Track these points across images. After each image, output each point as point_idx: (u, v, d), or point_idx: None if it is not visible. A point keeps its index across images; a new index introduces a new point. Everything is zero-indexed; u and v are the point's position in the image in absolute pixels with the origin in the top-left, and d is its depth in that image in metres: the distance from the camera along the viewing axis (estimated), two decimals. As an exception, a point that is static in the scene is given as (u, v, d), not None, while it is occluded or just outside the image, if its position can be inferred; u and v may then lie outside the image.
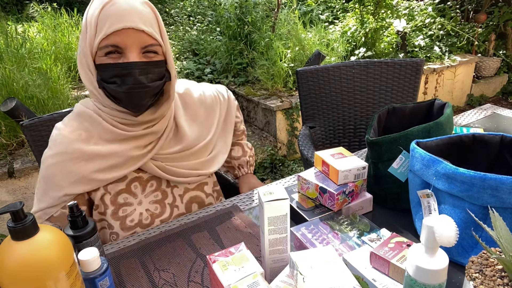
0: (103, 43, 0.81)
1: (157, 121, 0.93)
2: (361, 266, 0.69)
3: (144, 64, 0.83)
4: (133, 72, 0.82)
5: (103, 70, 0.83)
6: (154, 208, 0.98)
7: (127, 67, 0.81)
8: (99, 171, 0.90)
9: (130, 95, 0.83)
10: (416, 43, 4.02)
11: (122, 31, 0.79)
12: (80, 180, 0.90)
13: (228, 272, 0.61)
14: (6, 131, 2.54)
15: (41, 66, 3.01)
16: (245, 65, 3.80)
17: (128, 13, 0.79)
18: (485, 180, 0.67)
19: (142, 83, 0.83)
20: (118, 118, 0.90)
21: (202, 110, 1.06)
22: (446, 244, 0.51)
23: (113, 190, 0.94)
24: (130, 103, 0.85)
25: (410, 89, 1.72)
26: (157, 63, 0.86)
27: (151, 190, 0.98)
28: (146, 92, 0.85)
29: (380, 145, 0.90)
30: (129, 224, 0.95)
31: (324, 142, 1.79)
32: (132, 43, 0.81)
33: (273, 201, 0.66)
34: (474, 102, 4.12)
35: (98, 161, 0.90)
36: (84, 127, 0.91)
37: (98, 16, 0.80)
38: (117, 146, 0.90)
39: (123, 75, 0.82)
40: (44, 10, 4.32)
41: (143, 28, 0.81)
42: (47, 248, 0.54)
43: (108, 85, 0.84)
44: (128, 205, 0.95)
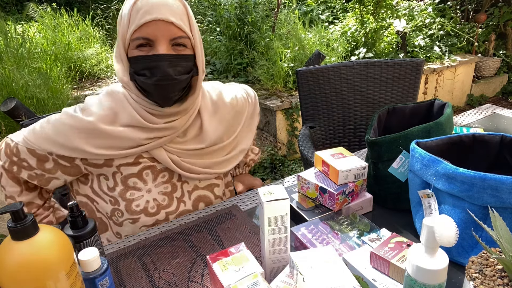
0: (135, 35, 0.84)
1: (181, 115, 0.95)
2: (361, 266, 0.69)
3: (173, 57, 0.85)
4: (162, 64, 0.84)
5: (135, 63, 0.86)
6: (162, 199, 0.98)
7: (156, 59, 0.84)
8: (101, 148, 0.91)
9: (158, 87, 0.86)
10: (416, 43, 4.02)
11: (152, 23, 0.82)
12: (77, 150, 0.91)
13: (228, 272, 0.61)
14: (6, 131, 2.55)
15: (41, 66, 3.02)
16: (245, 65, 3.80)
17: (158, 6, 0.83)
18: (485, 180, 0.67)
19: (169, 75, 0.85)
20: (145, 107, 0.91)
21: (232, 114, 1.07)
22: (446, 244, 0.51)
23: (125, 172, 0.95)
24: (158, 95, 0.88)
25: (410, 89, 1.72)
26: (185, 57, 0.88)
27: (162, 181, 0.98)
28: (173, 85, 0.87)
29: (380, 145, 0.90)
30: (135, 208, 0.95)
31: (324, 142, 1.79)
32: (162, 34, 0.83)
33: (273, 201, 0.66)
34: (474, 102, 4.12)
35: (108, 140, 0.91)
36: (111, 108, 0.92)
37: (131, 9, 0.84)
38: (133, 132, 0.91)
39: (152, 67, 0.85)
40: (43, 10, 4.32)
41: (172, 20, 0.83)
42: (47, 248, 0.53)
43: (138, 77, 0.86)
44: (137, 190, 0.96)
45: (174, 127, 0.94)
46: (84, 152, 0.91)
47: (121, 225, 0.98)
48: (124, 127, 0.92)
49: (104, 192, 0.97)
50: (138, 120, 0.91)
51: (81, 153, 0.91)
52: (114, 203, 0.96)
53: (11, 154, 0.93)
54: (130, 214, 0.96)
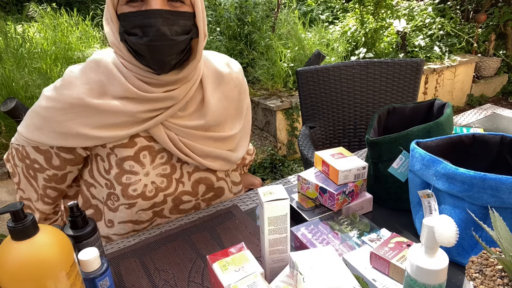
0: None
1: (181, 84, 0.85)
2: (361, 266, 0.69)
3: (168, 13, 0.74)
4: (155, 21, 0.73)
5: (124, 20, 0.76)
6: (160, 181, 0.91)
7: (149, 15, 0.73)
8: (96, 127, 0.83)
9: (152, 48, 0.75)
10: (416, 43, 4.02)
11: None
12: (73, 135, 0.83)
13: (228, 272, 0.61)
14: (6, 131, 2.54)
15: (41, 66, 3.02)
16: (245, 65, 3.80)
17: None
18: (485, 180, 0.67)
19: (165, 34, 0.75)
20: (138, 75, 0.82)
21: (236, 90, 0.97)
22: (446, 244, 0.51)
23: (120, 154, 0.87)
24: (152, 58, 0.77)
25: (410, 89, 1.72)
26: (183, 14, 0.77)
27: (161, 163, 0.90)
28: (169, 46, 0.76)
29: (380, 145, 0.90)
30: (131, 193, 0.89)
31: (324, 142, 1.79)
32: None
33: (273, 201, 0.66)
34: (474, 102, 4.12)
35: (99, 116, 0.82)
36: (99, 81, 0.83)
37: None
38: (128, 105, 0.82)
39: (144, 25, 0.74)
40: (43, 10, 4.32)
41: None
42: (47, 248, 0.53)
43: (129, 37, 0.76)
44: (134, 174, 0.88)
45: (173, 97, 0.84)
46: (79, 136, 0.83)
47: (116, 210, 0.92)
48: (115, 99, 0.82)
49: (101, 174, 0.91)
50: (131, 90, 0.81)
51: (77, 138, 0.83)
52: (110, 186, 0.90)
53: (23, 158, 0.88)
54: (126, 199, 0.89)
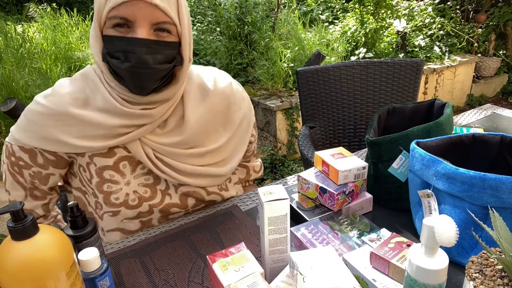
0: (112, 14, 0.75)
1: (159, 104, 0.86)
2: (361, 266, 0.69)
3: (153, 43, 0.76)
4: (139, 49, 0.75)
5: (109, 43, 0.78)
6: (144, 191, 0.91)
7: (133, 42, 0.74)
8: (75, 136, 0.85)
9: (131, 74, 0.77)
10: (416, 43, 4.02)
11: (133, 3, 0.73)
12: (55, 141, 0.86)
13: (228, 272, 0.61)
14: (6, 131, 2.54)
15: (41, 66, 3.02)
16: (245, 65, 3.80)
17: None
18: (485, 180, 0.67)
19: (146, 63, 0.76)
20: (118, 92, 0.84)
21: (225, 104, 0.96)
22: (446, 244, 0.51)
23: (99, 163, 0.88)
24: (132, 83, 0.79)
25: (410, 89, 1.72)
26: (168, 44, 0.78)
27: (142, 173, 0.91)
28: (149, 74, 0.78)
29: (380, 145, 0.90)
30: (113, 201, 0.90)
31: (324, 142, 1.79)
32: (143, 17, 0.74)
33: (273, 201, 0.66)
34: (474, 102, 4.12)
35: (79, 126, 0.85)
36: (84, 91, 0.85)
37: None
38: (107, 118, 0.84)
39: (127, 51, 0.75)
40: (43, 10, 4.32)
41: (157, 3, 0.74)
42: (47, 248, 0.53)
43: (111, 60, 0.78)
44: (114, 183, 0.89)
45: (150, 115, 0.85)
46: (60, 143, 0.85)
47: (101, 218, 0.93)
48: (96, 112, 0.84)
49: (87, 183, 0.92)
50: (111, 104, 0.83)
51: (58, 144, 0.86)
52: (94, 195, 0.91)
53: (9, 155, 0.92)
54: (109, 207, 0.90)
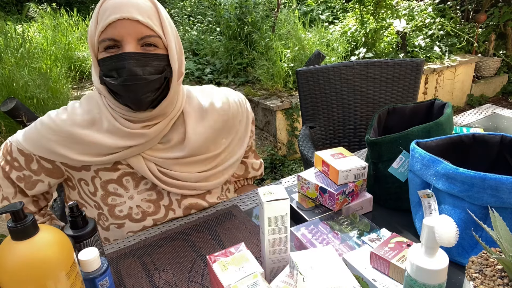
0: (101, 37, 0.81)
1: (157, 121, 0.90)
2: (361, 266, 0.69)
3: (140, 55, 0.81)
4: (128, 63, 0.79)
5: (103, 65, 0.83)
6: (147, 206, 0.95)
7: (122, 58, 0.79)
8: (76, 152, 0.89)
9: (125, 88, 0.81)
10: (416, 43, 4.02)
11: (117, 22, 0.79)
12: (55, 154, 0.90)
13: (228, 272, 0.61)
14: (6, 131, 2.54)
15: (41, 66, 3.02)
16: (245, 65, 3.80)
17: (124, 5, 0.79)
18: (485, 180, 0.67)
19: (137, 74, 0.80)
20: (119, 113, 0.88)
21: (222, 121, 1.00)
22: (446, 244, 0.51)
23: (104, 177, 0.93)
24: (128, 98, 0.83)
25: (410, 89, 1.72)
26: (156, 56, 0.83)
27: (145, 188, 0.95)
28: (142, 86, 0.81)
29: (380, 145, 0.90)
30: (118, 213, 0.94)
31: (324, 142, 1.79)
32: (128, 33, 0.79)
33: (273, 201, 0.66)
34: (474, 102, 4.12)
35: (83, 146, 0.89)
36: (91, 112, 0.91)
37: (98, 11, 0.81)
38: (108, 139, 0.89)
39: (118, 67, 0.80)
40: (43, 10, 4.32)
41: (138, 18, 0.79)
42: (47, 248, 0.53)
43: (107, 79, 0.83)
44: (118, 196, 0.93)
45: (146, 134, 0.89)
46: (61, 156, 0.90)
47: (107, 229, 0.96)
48: (101, 133, 0.89)
49: (88, 196, 0.96)
50: (115, 126, 0.88)
51: (59, 156, 0.90)
52: (98, 207, 0.95)
53: (6, 153, 0.94)
54: (114, 219, 0.94)
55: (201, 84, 3.76)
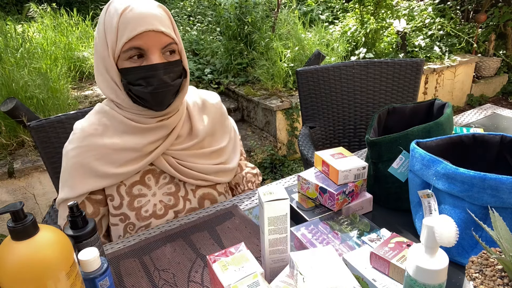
0: (127, 47, 0.85)
1: (171, 114, 0.97)
2: (361, 266, 0.69)
3: (167, 65, 0.89)
4: (158, 73, 0.87)
5: (128, 74, 0.88)
6: (168, 199, 1.01)
7: (151, 69, 0.87)
8: (114, 166, 0.94)
9: (156, 95, 0.88)
10: (416, 43, 4.02)
11: (143, 34, 0.85)
12: (99, 176, 0.94)
13: (228, 272, 0.61)
14: (6, 131, 2.54)
15: (41, 66, 3.01)
16: (245, 65, 3.80)
17: (147, 17, 0.85)
18: (485, 180, 0.67)
19: (166, 82, 0.88)
20: (132, 113, 0.94)
21: (219, 114, 1.10)
22: (446, 244, 0.51)
23: (128, 182, 0.98)
24: (155, 102, 0.90)
25: (410, 89, 1.72)
26: (176, 63, 0.91)
27: (165, 183, 1.01)
28: (169, 91, 0.90)
29: (380, 145, 0.90)
30: (144, 214, 0.98)
31: (324, 142, 1.79)
32: (153, 44, 0.86)
33: (273, 201, 0.66)
34: (474, 102, 4.12)
35: (113, 155, 0.93)
36: (101, 122, 0.96)
37: (118, 22, 0.85)
38: (131, 139, 0.94)
39: (148, 76, 0.87)
40: (43, 10, 4.32)
41: (162, 30, 0.86)
42: (47, 248, 0.53)
43: (134, 87, 0.88)
44: (143, 196, 0.98)
45: (166, 125, 0.96)
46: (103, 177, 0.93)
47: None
48: (118, 137, 0.94)
49: (113, 214, 0.98)
50: (130, 125, 0.94)
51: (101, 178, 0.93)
52: (124, 219, 0.97)
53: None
54: (141, 221, 0.98)
55: (201, 84, 3.76)
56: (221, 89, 3.77)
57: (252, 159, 3.03)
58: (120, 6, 0.85)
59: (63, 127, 1.20)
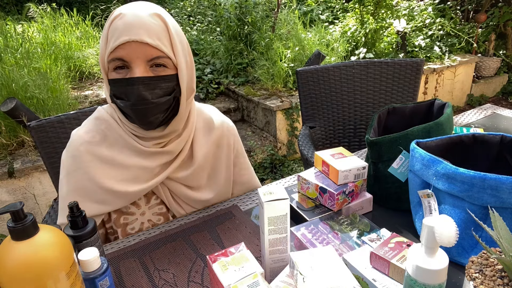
0: (110, 57, 0.80)
1: (168, 138, 0.91)
2: (361, 266, 0.69)
3: (149, 79, 0.80)
4: (136, 88, 0.79)
5: (113, 85, 0.83)
6: (157, 219, 0.98)
7: (131, 82, 0.79)
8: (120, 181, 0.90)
9: (135, 111, 0.82)
10: (416, 43, 4.02)
11: (126, 44, 0.78)
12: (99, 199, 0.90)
13: (228, 272, 0.61)
14: (6, 131, 2.54)
15: (41, 66, 3.01)
16: (245, 65, 3.80)
17: (133, 26, 0.77)
18: (485, 180, 0.67)
19: (146, 99, 0.80)
20: (130, 129, 0.89)
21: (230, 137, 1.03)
22: (446, 244, 0.51)
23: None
24: (137, 119, 0.84)
25: (410, 89, 1.72)
26: (164, 78, 0.82)
27: (156, 203, 0.98)
28: (151, 109, 0.82)
29: (380, 145, 0.90)
30: (130, 231, 0.96)
31: (324, 142, 1.79)
32: (137, 56, 0.79)
33: (273, 201, 0.66)
34: (474, 102, 4.12)
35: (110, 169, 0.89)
36: (100, 130, 0.91)
37: (108, 30, 0.80)
38: (129, 158, 0.90)
39: (128, 91, 0.80)
40: (43, 10, 4.32)
41: (147, 41, 0.78)
42: (47, 248, 0.53)
43: (117, 100, 0.84)
44: (130, 214, 0.95)
45: (169, 151, 0.91)
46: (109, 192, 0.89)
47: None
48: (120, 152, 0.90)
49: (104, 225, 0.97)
50: (127, 141, 0.89)
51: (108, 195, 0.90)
52: (113, 232, 0.97)
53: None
54: (125, 237, 0.95)
55: (201, 83, 3.76)
56: (221, 89, 3.77)
57: (252, 159, 3.03)
58: (115, 13, 0.80)
59: (63, 127, 1.20)
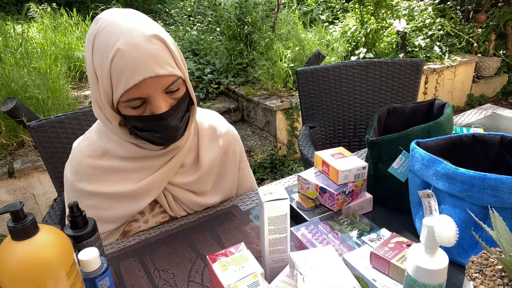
0: (125, 98, 0.77)
1: (172, 155, 0.92)
2: (361, 266, 0.69)
3: (173, 110, 0.81)
4: (166, 121, 0.80)
5: (133, 120, 0.81)
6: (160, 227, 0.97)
7: (158, 119, 0.79)
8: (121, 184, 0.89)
9: (166, 139, 0.84)
10: (416, 43, 4.02)
11: (140, 83, 0.75)
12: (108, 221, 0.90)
13: (228, 272, 0.61)
14: (6, 131, 2.54)
15: (41, 66, 3.01)
16: (245, 65, 3.80)
17: (142, 62, 0.74)
18: (485, 180, 0.67)
19: (176, 127, 0.82)
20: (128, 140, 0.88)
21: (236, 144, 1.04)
22: (446, 244, 0.51)
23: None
24: (165, 143, 0.86)
25: (410, 89, 1.72)
26: (181, 99, 0.83)
27: (160, 211, 0.98)
28: (180, 131, 0.85)
29: (380, 145, 0.90)
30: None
31: (324, 142, 1.79)
32: (154, 90, 0.77)
33: (273, 201, 0.66)
34: (474, 102, 4.12)
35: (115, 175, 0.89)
36: (101, 142, 0.90)
37: (109, 69, 0.75)
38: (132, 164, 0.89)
39: (155, 126, 0.81)
40: (43, 10, 4.32)
41: (162, 73, 0.76)
42: (47, 248, 0.53)
43: (142, 133, 0.83)
44: (134, 221, 0.95)
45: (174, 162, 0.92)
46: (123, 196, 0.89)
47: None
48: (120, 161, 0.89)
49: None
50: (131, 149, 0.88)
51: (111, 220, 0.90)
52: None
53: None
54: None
55: (201, 83, 3.76)
56: (221, 89, 3.77)
57: (252, 159, 3.03)
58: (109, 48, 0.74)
59: (63, 127, 1.20)
